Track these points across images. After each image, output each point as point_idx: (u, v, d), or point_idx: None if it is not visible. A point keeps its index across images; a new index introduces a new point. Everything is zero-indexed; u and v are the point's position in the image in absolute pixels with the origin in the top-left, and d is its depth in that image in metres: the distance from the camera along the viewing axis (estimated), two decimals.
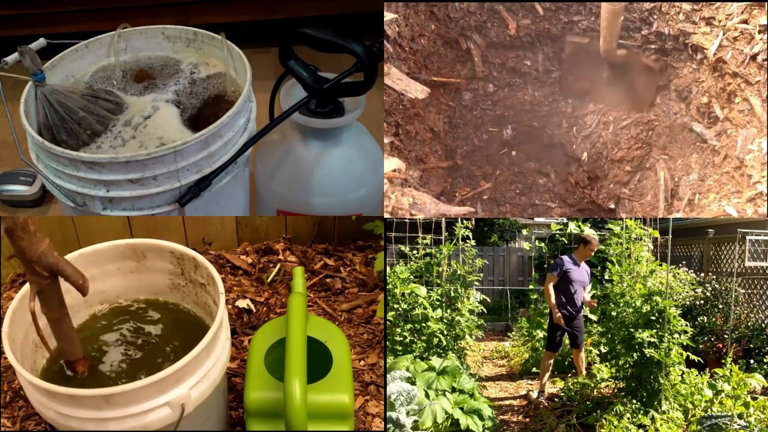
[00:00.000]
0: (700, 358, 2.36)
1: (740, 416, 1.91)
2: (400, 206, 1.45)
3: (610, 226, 2.79)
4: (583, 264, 2.67)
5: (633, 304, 2.28)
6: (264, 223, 2.14)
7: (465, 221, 3.06)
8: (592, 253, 2.65)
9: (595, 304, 2.71)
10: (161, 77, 1.50)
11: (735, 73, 1.79)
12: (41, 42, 1.36)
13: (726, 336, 2.88)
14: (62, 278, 1.08)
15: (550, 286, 2.65)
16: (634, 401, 2.17)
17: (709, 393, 2.12)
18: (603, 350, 2.62)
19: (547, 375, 2.75)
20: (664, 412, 2.10)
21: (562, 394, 2.61)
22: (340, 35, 1.36)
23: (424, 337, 2.65)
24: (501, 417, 2.51)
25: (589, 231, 3.23)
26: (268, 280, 2.01)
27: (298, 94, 1.50)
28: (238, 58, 1.48)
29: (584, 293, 2.70)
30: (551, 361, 2.74)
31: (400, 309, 2.70)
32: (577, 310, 2.67)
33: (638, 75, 2.06)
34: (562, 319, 2.64)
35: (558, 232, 3.95)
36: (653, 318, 2.20)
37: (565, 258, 2.70)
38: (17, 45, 1.25)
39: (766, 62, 1.72)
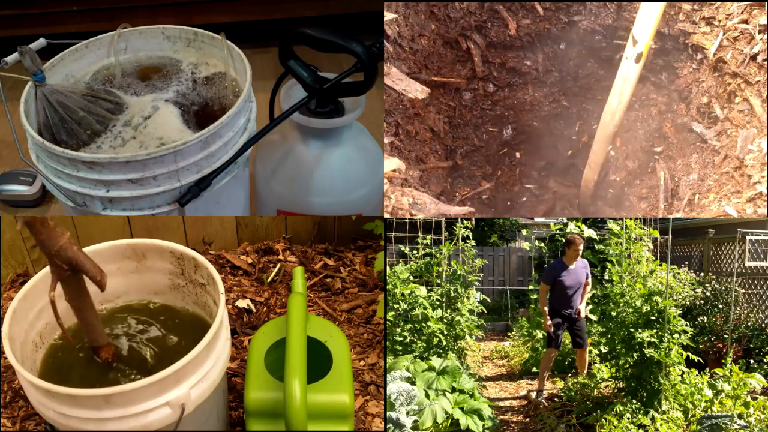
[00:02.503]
0: (700, 358, 2.36)
1: (740, 416, 1.91)
2: (400, 206, 1.45)
3: (610, 226, 2.79)
4: (576, 263, 2.67)
5: (633, 304, 2.28)
6: (264, 223, 2.14)
7: (465, 221, 3.06)
8: (580, 252, 2.66)
9: (582, 314, 2.70)
10: (161, 77, 1.50)
11: (735, 73, 1.79)
12: (41, 42, 1.36)
13: (726, 336, 2.88)
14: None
15: (545, 296, 2.68)
16: (634, 401, 2.16)
17: (709, 393, 2.12)
18: (603, 350, 2.62)
19: (548, 373, 2.75)
20: (664, 412, 2.10)
21: (562, 394, 2.61)
22: (340, 35, 1.36)
23: (424, 337, 2.65)
24: (501, 417, 2.51)
25: (573, 231, 3.23)
26: (268, 280, 2.01)
27: (298, 94, 1.50)
28: (238, 58, 1.48)
29: (586, 291, 2.70)
30: (551, 358, 2.75)
31: (400, 309, 2.70)
32: (577, 311, 2.67)
33: None
34: (563, 321, 2.66)
35: (558, 232, 3.95)
36: (653, 318, 2.20)
37: (555, 264, 2.71)
38: (17, 45, 1.25)
39: (766, 62, 1.72)
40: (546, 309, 2.66)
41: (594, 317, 3.06)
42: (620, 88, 1.76)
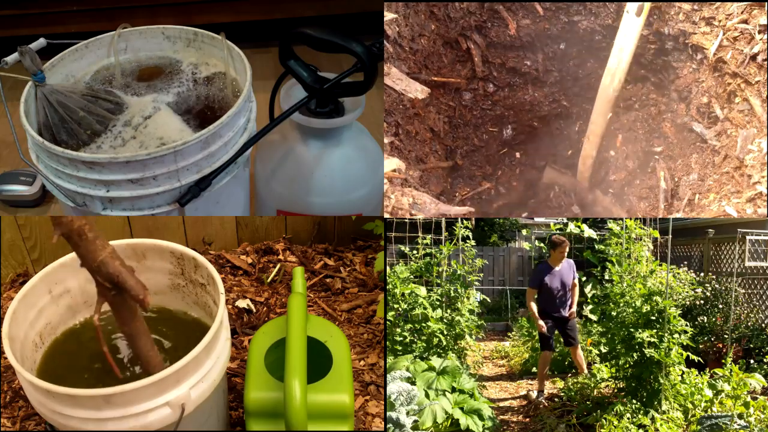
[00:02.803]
0: (700, 358, 2.36)
1: (740, 416, 1.91)
2: (400, 206, 1.45)
3: (610, 226, 2.79)
4: (562, 263, 2.68)
5: (633, 304, 2.28)
6: (264, 223, 2.14)
7: (465, 221, 3.06)
8: (565, 253, 2.67)
9: (574, 314, 2.72)
10: (161, 77, 1.50)
11: (735, 73, 1.79)
12: (41, 42, 1.36)
13: (726, 336, 2.88)
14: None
15: (532, 299, 2.69)
16: (634, 401, 2.16)
17: (709, 393, 2.12)
18: (603, 350, 2.62)
19: (546, 372, 2.76)
20: (664, 412, 2.10)
21: (562, 394, 2.62)
22: (340, 35, 1.36)
23: (424, 337, 2.66)
24: (501, 417, 2.51)
25: (573, 231, 3.24)
26: (268, 280, 2.01)
27: (298, 94, 1.50)
28: (238, 58, 1.48)
29: (575, 293, 2.71)
30: (548, 360, 2.75)
31: (400, 309, 2.70)
32: (570, 313, 2.68)
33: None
34: (554, 323, 2.67)
35: (558, 232, 3.96)
36: (653, 318, 2.20)
37: (540, 267, 2.72)
38: (17, 45, 1.25)
39: (766, 62, 1.72)
40: (536, 312, 2.66)
41: (594, 317, 3.07)
42: (621, 45, 1.63)
